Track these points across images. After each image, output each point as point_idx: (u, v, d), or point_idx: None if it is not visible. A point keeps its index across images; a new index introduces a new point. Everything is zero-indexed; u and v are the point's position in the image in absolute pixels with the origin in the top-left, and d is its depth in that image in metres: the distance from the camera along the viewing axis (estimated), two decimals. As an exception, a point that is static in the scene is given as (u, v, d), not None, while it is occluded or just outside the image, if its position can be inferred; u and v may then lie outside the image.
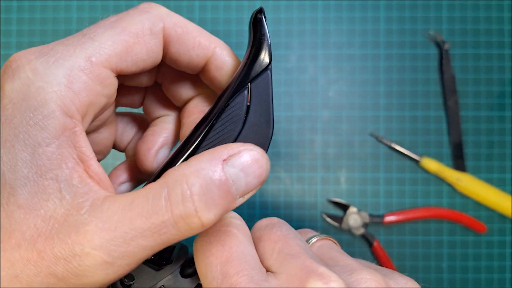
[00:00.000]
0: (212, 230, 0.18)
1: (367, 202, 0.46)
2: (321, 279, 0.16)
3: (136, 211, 0.16)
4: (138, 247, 0.16)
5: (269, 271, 0.17)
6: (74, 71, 0.17)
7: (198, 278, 0.20)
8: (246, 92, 0.19)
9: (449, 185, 0.46)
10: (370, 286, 0.17)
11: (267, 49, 0.19)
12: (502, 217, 0.46)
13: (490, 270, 0.46)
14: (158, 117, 0.25)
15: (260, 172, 0.18)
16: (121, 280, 0.19)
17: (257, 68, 0.19)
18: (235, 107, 0.19)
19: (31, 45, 0.35)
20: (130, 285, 0.19)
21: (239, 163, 0.17)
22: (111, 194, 0.17)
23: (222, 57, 0.21)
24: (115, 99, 0.24)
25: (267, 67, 0.19)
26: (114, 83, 0.19)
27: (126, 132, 0.26)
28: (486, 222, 0.46)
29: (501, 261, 0.46)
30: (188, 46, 0.20)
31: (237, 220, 0.19)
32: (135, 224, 0.16)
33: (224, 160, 0.17)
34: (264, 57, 0.19)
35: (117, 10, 0.47)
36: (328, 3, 0.47)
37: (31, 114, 0.16)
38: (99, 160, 0.25)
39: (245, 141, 0.19)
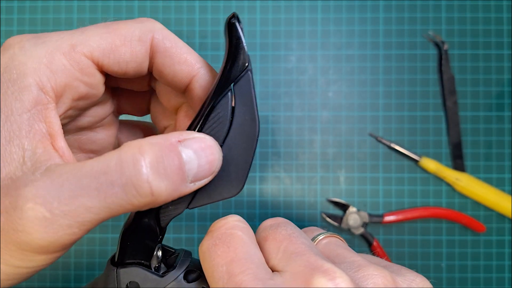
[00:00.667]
0: (217, 234, 0.18)
1: (366, 202, 0.47)
2: (325, 276, 0.16)
3: (85, 171, 0.16)
4: (82, 207, 0.16)
5: (274, 270, 0.17)
6: (56, 53, 0.18)
7: (202, 283, 0.20)
8: (230, 94, 0.20)
9: (448, 185, 0.47)
10: (377, 282, 0.17)
11: (243, 51, 0.20)
12: (501, 216, 0.46)
13: (489, 269, 0.46)
14: (166, 127, 0.25)
15: (212, 158, 0.18)
16: None
17: (237, 70, 0.20)
18: (221, 109, 0.20)
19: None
20: None
21: (193, 146, 0.18)
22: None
23: (207, 77, 0.22)
24: (115, 103, 0.24)
25: (247, 68, 0.20)
26: (96, 74, 0.20)
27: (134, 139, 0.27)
28: (485, 222, 0.46)
29: (500, 260, 0.46)
30: (174, 60, 0.21)
31: (241, 223, 0.19)
32: (82, 182, 0.16)
33: (180, 141, 0.17)
34: (243, 59, 0.20)
35: (118, 11, 0.48)
36: (327, 4, 0.48)
37: (10, 84, 0.17)
38: None
39: (234, 141, 0.20)
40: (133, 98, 0.25)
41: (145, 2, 0.48)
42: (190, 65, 0.21)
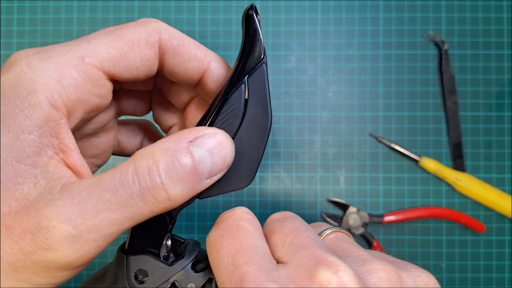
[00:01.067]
0: (224, 225, 0.19)
1: (366, 202, 0.47)
2: (329, 268, 0.16)
3: (103, 186, 0.16)
4: (105, 221, 0.16)
5: (280, 262, 0.18)
6: (66, 67, 0.18)
7: (209, 273, 0.20)
8: (243, 86, 0.20)
9: (448, 185, 0.47)
10: (382, 277, 0.17)
11: (260, 43, 0.20)
12: (500, 216, 0.46)
13: (489, 269, 0.46)
14: (170, 126, 0.25)
15: (225, 153, 0.19)
16: (135, 275, 0.20)
17: (252, 63, 0.20)
18: (234, 101, 0.20)
19: (32, 45, 0.34)
20: (144, 281, 0.20)
21: (205, 144, 0.18)
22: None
23: (218, 70, 0.22)
24: (116, 105, 0.24)
25: (262, 61, 0.20)
26: (106, 84, 0.20)
27: (133, 138, 0.27)
28: (484, 222, 0.46)
29: (500, 260, 0.46)
30: (183, 58, 0.21)
31: (248, 215, 0.19)
32: (102, 197, 0.16)
33: (190, 141, 0.18)
34: (258, 51, 0.20)
35: (118, 11, 0.48)
36: (327, 4, 0.48)
37: (18, 102, 0.17)
38: (98, 166, 0.25)
39: (245, 133, 0.20)
40: (134, 98, 0.25)
41: (145, 2, 0.48)
42: (200, 60, 0.21)
